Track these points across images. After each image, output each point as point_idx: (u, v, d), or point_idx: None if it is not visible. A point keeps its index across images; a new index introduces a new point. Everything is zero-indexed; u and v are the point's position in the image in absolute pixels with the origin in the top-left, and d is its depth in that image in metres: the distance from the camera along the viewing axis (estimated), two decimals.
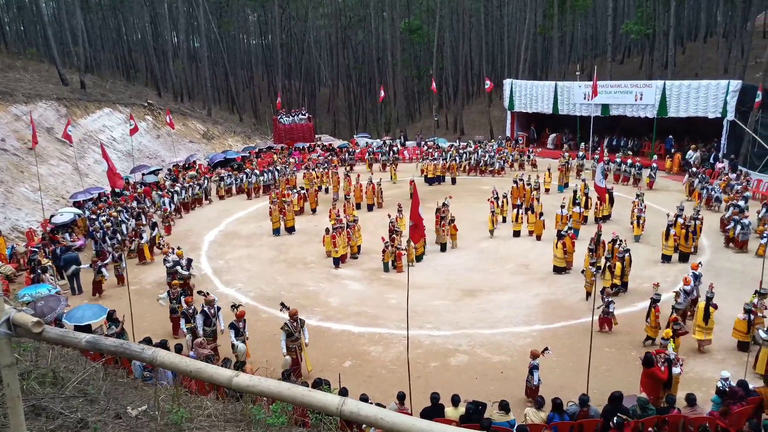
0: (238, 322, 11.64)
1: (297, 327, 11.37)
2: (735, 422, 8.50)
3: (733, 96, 26.59)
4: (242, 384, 2.97)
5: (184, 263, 15.49)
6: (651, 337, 12.25)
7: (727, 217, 18.78)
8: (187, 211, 24.82)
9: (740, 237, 17.79)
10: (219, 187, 27.42)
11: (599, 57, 49.64)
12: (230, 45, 60.01)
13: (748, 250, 17.52)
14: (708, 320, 11.69)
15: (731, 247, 17.99)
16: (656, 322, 12.10)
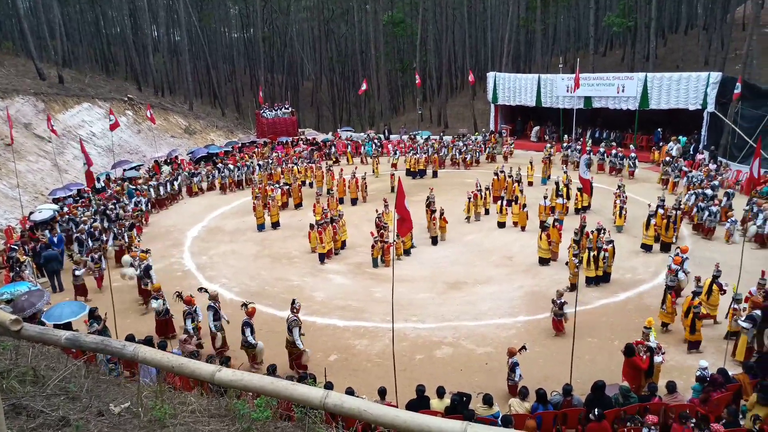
0: (250, 320, 11.47)
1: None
2: (715, 408, 8.66)
3: (713, 88, 26.95)
4: (225, 379, 2.96)
5: (143, 266, 14.70)
6: (666, 323, 12.49)
7: (690, 204, 19.33)
8: (163, 208, 24.47)
9: (707, 223, 18.30)
10: (192, 183, 26.93)
11: (582, 50, 50.02)
12: (211, 38, 59.30)
13: (713, 237, 18.08)
14: (711, 296, 12.04)
15: (699, 233, 18.51)
16: (672, 308, 12.31)
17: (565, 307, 12.13)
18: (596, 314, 13.49)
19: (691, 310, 11.50)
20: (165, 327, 12.90)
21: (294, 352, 11.45)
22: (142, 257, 14.93)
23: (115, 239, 18.15)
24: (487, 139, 33.62)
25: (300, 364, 11.34)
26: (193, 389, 6.98)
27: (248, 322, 11.42)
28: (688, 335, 11.69)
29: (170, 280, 16.61)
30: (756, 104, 25.99)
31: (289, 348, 11.47)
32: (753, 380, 9.25)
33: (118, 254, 17.90)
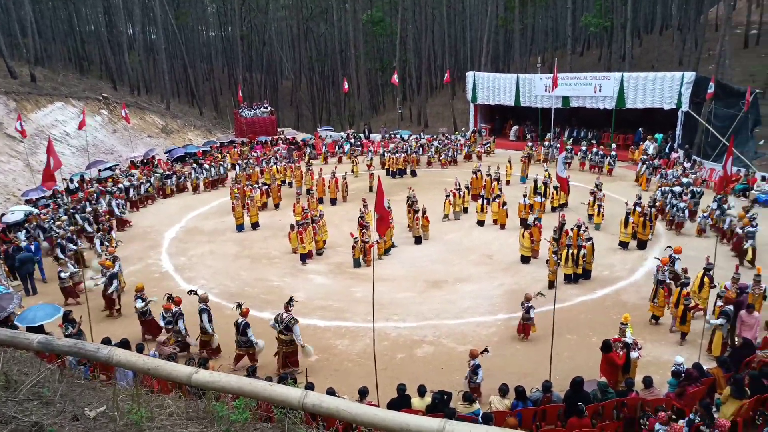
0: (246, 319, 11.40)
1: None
2: (690, 402, 8.81)
3: (688, 87, 27.44)
4: (202, 380, 2.92)
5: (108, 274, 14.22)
6: (657, 317, 12.70)
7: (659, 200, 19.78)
8: (136, 209, 24.01)
9: (676, 219, 18.81)
10: (165, 184, 26.43)
11: (560, 49, 50.55)
12: (189, 37, 58.64)
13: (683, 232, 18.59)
14: (702, 289, 12.30)
15: (672, 229, 18.94)
16: (664, 302, 12.51)
17: (532, 311, 12.00)
18: (575, 311, 13.64)
19: (681, 302, 11.78)
20: (151, 327, 12.77)
21: (288, 351, 11.29)
22: (108, 265, 14.44)
23: (102, 244, 17.68)
24: (467, 138, 33.87)
25: (294, 362, 11.27)
26: (171, 392, 6.89)
27: (247, 322, 11.32)
28: (678, 325, 12.01)
29: (147, 281, 16.28)
30: (728, 103, 26.57)
31: (285, 349, 11.29)
32: (726, 374, 9.44)
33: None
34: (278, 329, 11.17)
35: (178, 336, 12.06)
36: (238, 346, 11.43)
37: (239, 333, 11.28)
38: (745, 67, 36.58)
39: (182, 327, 12.01)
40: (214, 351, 11.99)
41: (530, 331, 12.21)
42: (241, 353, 11.48)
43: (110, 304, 14.20)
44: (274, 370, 11.27)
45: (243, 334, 11.25)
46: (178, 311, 12.06)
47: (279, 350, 11.35)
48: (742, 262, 15.13)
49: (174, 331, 12.01)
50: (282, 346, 11.29)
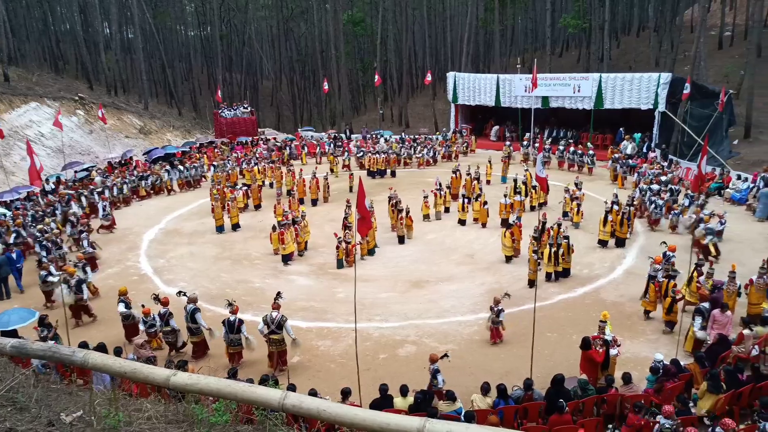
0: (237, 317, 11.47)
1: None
2: (668, 397, 8.96)
3: (664, 88, 27.88)
4: (180, 383, 2.88)
5: (73, 283, 13.63)
6: (648, 311, 12.90)
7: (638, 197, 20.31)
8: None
9: (653, 215, 19.24)
10: (140, 186, 25.91)
11: (539, 50, 50.92)
12: (167, 36, 57.90)
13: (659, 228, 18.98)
14: (691, 283, 12.62)
15: (648, 225, 19.34)
16: (655, 296, 12.71)
17: (502, 314, 11.94)
18: (555, 309, 13.77)
19: (669, 293, 12.05)
20: (134, 331, 12.58)
21: (279, 350, 11.27)
22: (71, 271, 14.02)
23: (88, 244, 17.45)
24: (449, 138, 34.04)
25: (285, 361, 11.26)
26: (150, 395, 6.78)
27: (241, 319, 11.35)
28: (664, 315, 12.25)
29: (126, 284, 16.11)
30: (704, 104, 27.03)
31: (277, 349, 11.26)
32: (703, 369, 9.62)
33: (91, 260, 17.32)
34: (270, 329, 11.09)
35: (170, 336, 12.00)
36: (230, 344, 11.40)
37: (233, 331, 11.25)
38: (719, 68, 37.25)
39: (174, 325, 11.96)
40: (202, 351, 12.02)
41: (499, 335, 12.12)
42: (233, 352, 11.48)
43: (77, 312, 13.76)
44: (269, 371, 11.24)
45: (237, 332, 11.24)
46: (167, 311, 11.97)
47: (271, 351, 11.31)
48: (707, 257, 15.46)
49: (164, 332, 11.99)
50: (273, 346, 11.24)
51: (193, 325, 11.73)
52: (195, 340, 11.92)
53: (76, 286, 13.59)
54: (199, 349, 12.00)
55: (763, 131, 29.32)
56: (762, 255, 14.87)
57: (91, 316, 13.91)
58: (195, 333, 11.84)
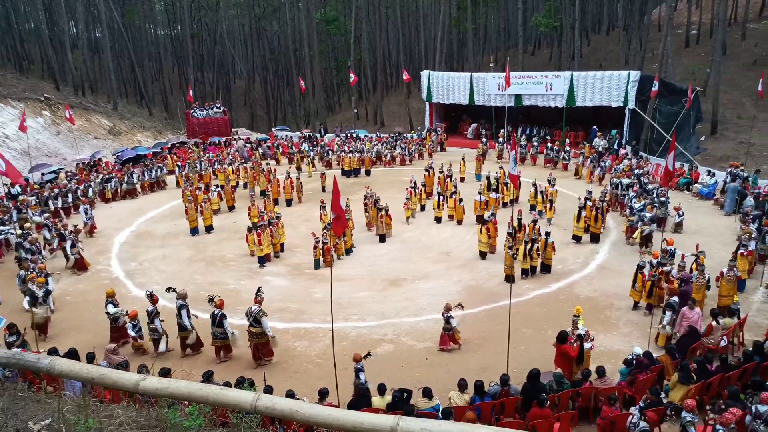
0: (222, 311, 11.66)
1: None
2: (641, 389, 9.12)
3: (633, 86, 28.38)
4: (150, 388, 2.81)
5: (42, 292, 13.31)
6: (637, 302, 13.13)
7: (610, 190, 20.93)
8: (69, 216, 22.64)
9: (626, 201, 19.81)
10: (106, 189, 25.19)
11: (512, 49, 51.43)
12: (136, 35, 56.91)
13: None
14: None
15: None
16: (642, 287, 12.95)
17: (453, 321, 11.75)
18: (530, 305, 13.91)
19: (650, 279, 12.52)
20: (121, 333, 12.48)
21: (261, 343, 11.46)
22: (40, 281, 13.53)
23: (73, 247, 17.00)
24: (423, 136, 34.18)
25: (268, 353, 11.50)
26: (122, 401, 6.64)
27: (223, 313, 11.56)
28: (645, 299, 12.68)
29: (96, 288, 15.83)
30: (672, 101, 27.62)
31: (255, 340, 11.48)
32: (674, 361, 9.81)
33: (79, 262, 16.99)
34: (248, 322, 11.36)
35: (154, 334, 12.02)
36: (214, 338, 11.65)
37: (215, 325, 11.50)
38: (686, 66, 38.12)
39: (158, 325, 11.98)
40: (195, 346, 12.10)
41: (455, 341, 11.91)
42: (218, 345, 11.71)
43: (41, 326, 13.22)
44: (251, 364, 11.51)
45: (219, 326, 11.47)
46: (154, 310, 11.99)
47: (251, 342, 11.53)
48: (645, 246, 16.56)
49: (150, 330, 12.02)
50: (253, 338, 11.46)
51: (180, 320, 11.85)
52: (183, 336, 11.98)
53: (43, 296, 13.20)
54: (185, 344, 12.08)
55: (728, 127, 30.10)
56: (730, 248, 15.31)
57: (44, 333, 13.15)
58: (182, 329, 11.93)
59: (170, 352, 12.21)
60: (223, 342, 11.70)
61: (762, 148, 26.86)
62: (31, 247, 16.52)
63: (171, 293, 12.12)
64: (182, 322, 11.75)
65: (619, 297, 13.96)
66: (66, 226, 18.49)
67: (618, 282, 14.86)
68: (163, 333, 12.05)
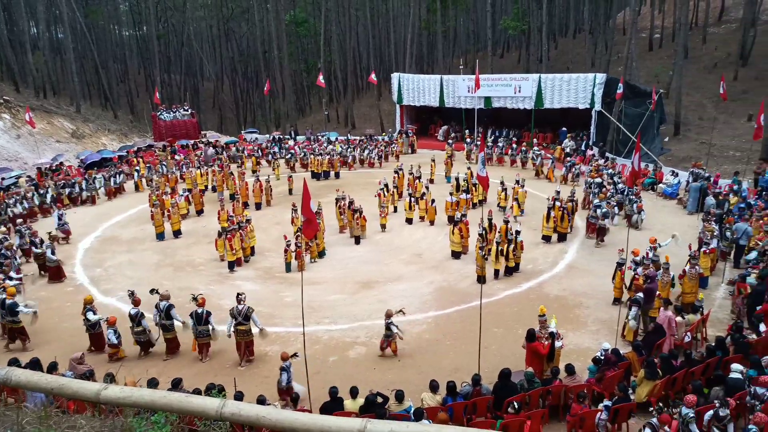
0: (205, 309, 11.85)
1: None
2: (609, 386, 9.28)
3: (599, 88, 28.93)
4: (112, 397, 2.72)
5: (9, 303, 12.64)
6: (617, 298, 13.36)
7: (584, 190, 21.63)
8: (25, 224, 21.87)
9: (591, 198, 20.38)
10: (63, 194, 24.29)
11: (481, 51, 51.97)
12: (100, 36, 55.70)
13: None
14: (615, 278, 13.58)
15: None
16: (621, 283, 13.22)
17: (393, 327, 11.60)
18: (501, 305, 14.03)
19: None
20: (99, 340, 12.36)
21: (247, 342, 11.68)
22: (11, 292, 12.97)
23: (53, 254, 16.49)
24: (394, 138, 34.25)
25: (252, 351, 11.75)
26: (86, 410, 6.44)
27: (208, 311, 11.80)
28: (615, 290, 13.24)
29: (61, 295, 15.46)
30: (636, 103, 28.25)
31: (244, 339, 11.67)
32: (640, 357, 10.02)
33: (53, 270, 16.50)
34: (237, 321, 11.56)
35: (141, 336, 12.01)
36: (198, 336, 11.80)
37: (201, 323, 11.68)
38: (650, 68, 39.07)
39: (146, 326, 12.00)
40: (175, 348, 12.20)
41: (387, 347, 11.76)
42: (201, 343, 11.87)
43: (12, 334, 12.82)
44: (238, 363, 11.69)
45: (205, 323, 11.70)
46: (139, 312, 11.93)
47: (239, 342, 11.71)
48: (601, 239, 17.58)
49: (135, 332, 12.00)
50: (241, 336, 11.68)
51: (167, 321, 11.95)
52: (168, 337, 12.09)
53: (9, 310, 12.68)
54: (172, 345, 12.17)
55: (691, 129, 30.95)
56: (693, 246, 15.70)
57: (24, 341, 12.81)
58: (168, 330, 12.04)
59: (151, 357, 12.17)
60: (206, 340, 11.88)
61: (723, 148, 27.69)
62: (6, 252, 16.19)
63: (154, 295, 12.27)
64: (174, 321, 11.98)
65: (587, 296, 14.20)
66: (36, 234, 17.83)
67: (586, 281, 15.12)
68: (151, 331, 12.11)
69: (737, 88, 32.96)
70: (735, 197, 19.28)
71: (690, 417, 7.63)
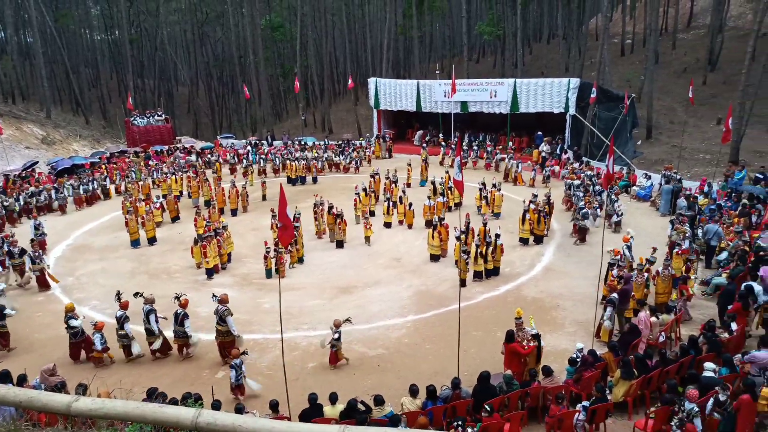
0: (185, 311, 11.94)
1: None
2: (586, 386, 9.37)
3: (573, 92, 29.35)
4: (83, 408, 2.63)
5: None
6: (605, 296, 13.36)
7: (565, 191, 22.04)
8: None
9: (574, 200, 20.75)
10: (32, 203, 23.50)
11: (457, 56, 52.39)
12: (70, 40, 54.75)
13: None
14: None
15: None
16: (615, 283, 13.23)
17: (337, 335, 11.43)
18: (480, 308, 14.09)
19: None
20: (80, 349, 12.18)
21: (225, 342, 11.70)
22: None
23: (33, 263, 15.99)
24: (372, 143, 34.27)
25: (231, 352, 11.37)
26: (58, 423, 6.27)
27: (185, 313, 11.86)
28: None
29: (30, 305, 15.09)
30: (609, 107, 28.75)
31: (221, 339, 11.78)
32: (616, 358, 10.14)
33: (40, 279, 16.02)
34: (216, 320, 11.71)
35: (124, 339, 11.99)
36: (176, 336, 11.98)
37: (177, 323, 11.80)
38: (622, 73, 39.87)
39: (128, 330, 11.97)
40: (163, 349, 12.17)
41: (337, 359, 11.52)
42: (180, 344, 12.07)
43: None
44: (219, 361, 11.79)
45: (180, 325, 11.80)
46: (123, 315, 11.95)
47: (217, 341, 11.84)
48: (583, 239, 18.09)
49: (119, 336, 11.97)
50: (220, 336, 11.79)
51: (148, 325, 11.95)
52: (152, 340, 12.05)
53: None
54: (160, 348, 12.15)
55: (662, 132, 31.63)
56: (665, 248, 16.02)
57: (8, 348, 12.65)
58: (151, 334, 12.03)
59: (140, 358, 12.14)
60: (184, 341, 11.99)
61: (693, 151, 28.34)
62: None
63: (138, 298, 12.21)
64: (150, 326, 11.89)
65: (564, 297, 14.36)
66: (15, 243, 17.30)
67: (563, 283, 15.29)
68: (133, 337, 12.04)
69: (706, 93, 33.83)
70: (705, 199, 19.73)
71: (695, 412, 7.75)
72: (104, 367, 11.82)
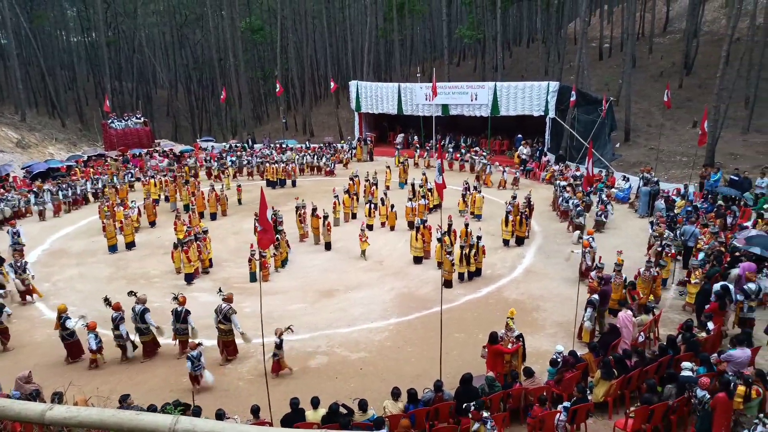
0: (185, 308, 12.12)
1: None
2: (567, 387, 9.45)
3: (553, 96, 29.62)
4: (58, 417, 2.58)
5: None
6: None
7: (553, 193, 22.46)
8: None
9: (562, 207, 20.90)
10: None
11: (438, 59, 52.68)
12: (46, 42, 53.87)
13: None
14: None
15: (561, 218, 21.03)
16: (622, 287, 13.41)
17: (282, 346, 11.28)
18: (461, 310, 14.14)
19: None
20: (76, 349, 12.24)
21: (227, 340, 11.90)
22: None
23: (17, 273, 15.47)
24: (354, 147, 34.24)
25: (231, 352, 11.96)
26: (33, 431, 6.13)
27: (187, 310, 12.07)
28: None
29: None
30: (588, 110, 29.10)
31: (223, 338, 11.91)
32: (597, 358, 10.24)
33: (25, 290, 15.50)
34: (218, 319, 11.82)
35: (119, 340, 12.05)
36: (177, 333, 12.17)
37: (179, 321, 11.98)
38: (600, 77, 40.44)
39: (123, 331, 12.02)
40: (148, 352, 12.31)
41: (280, 368, 11.26)
42: (181, 340, 12.22)
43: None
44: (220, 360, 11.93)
45: (183, 322, 11.99)
46: (119, 316, 12.03)
47: (218, 339, 11.99)
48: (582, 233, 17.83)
49: (115, 336, 12.06)
50: (221, 335, 11.91)
51: (142, 325, 12.09)
52: (144, 340, 12.26)
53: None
54: (149, 348, 12.33)
55: (640, 135, 32.14)
56: (644, 248, 16.25)
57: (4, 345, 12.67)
58: (144, 333, 12.20)
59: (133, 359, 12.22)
60: (184, 337, 12.11)
61: (670, 154, 28.84)
62: None
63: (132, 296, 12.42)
64: (147, 325, 12.10)
65: (544, 299, 14.47)
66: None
67: (543, 284, 15.41)
68: (129, 338, 12.10)
69: (682, 96, 34.46)
70: (682, 200, 20.06)
71: (707, 399, 7.88)
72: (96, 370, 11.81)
